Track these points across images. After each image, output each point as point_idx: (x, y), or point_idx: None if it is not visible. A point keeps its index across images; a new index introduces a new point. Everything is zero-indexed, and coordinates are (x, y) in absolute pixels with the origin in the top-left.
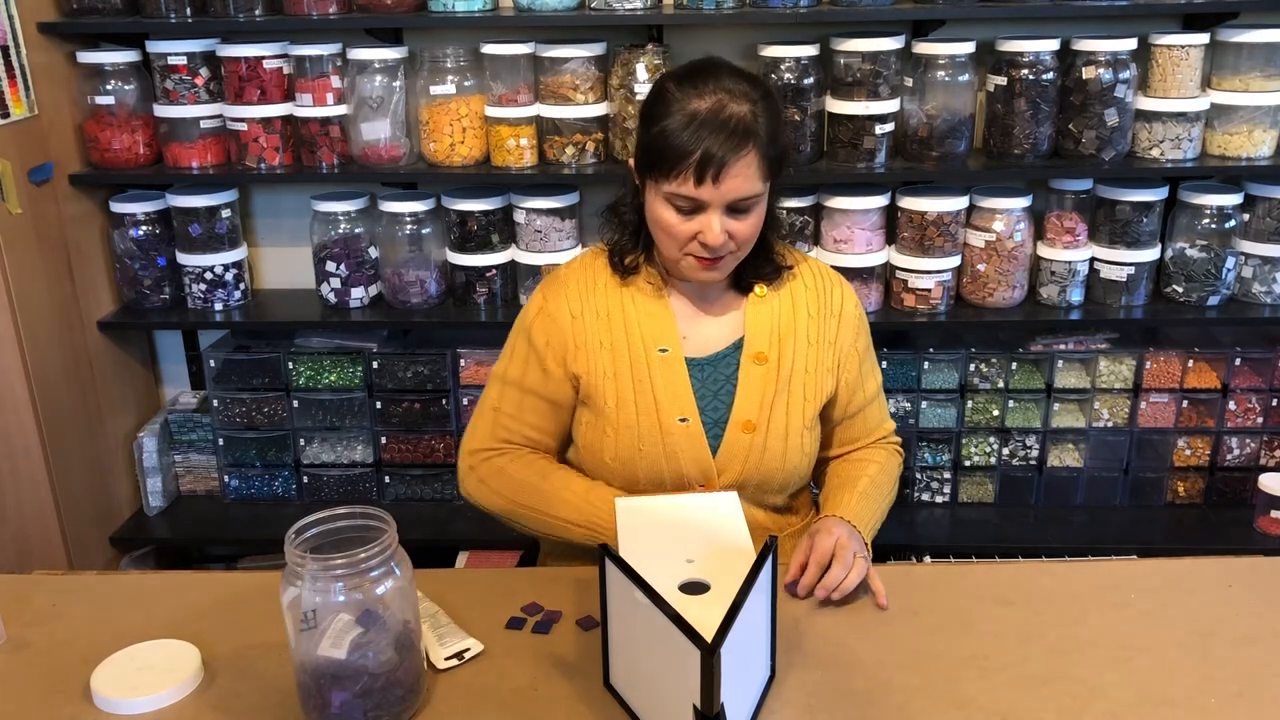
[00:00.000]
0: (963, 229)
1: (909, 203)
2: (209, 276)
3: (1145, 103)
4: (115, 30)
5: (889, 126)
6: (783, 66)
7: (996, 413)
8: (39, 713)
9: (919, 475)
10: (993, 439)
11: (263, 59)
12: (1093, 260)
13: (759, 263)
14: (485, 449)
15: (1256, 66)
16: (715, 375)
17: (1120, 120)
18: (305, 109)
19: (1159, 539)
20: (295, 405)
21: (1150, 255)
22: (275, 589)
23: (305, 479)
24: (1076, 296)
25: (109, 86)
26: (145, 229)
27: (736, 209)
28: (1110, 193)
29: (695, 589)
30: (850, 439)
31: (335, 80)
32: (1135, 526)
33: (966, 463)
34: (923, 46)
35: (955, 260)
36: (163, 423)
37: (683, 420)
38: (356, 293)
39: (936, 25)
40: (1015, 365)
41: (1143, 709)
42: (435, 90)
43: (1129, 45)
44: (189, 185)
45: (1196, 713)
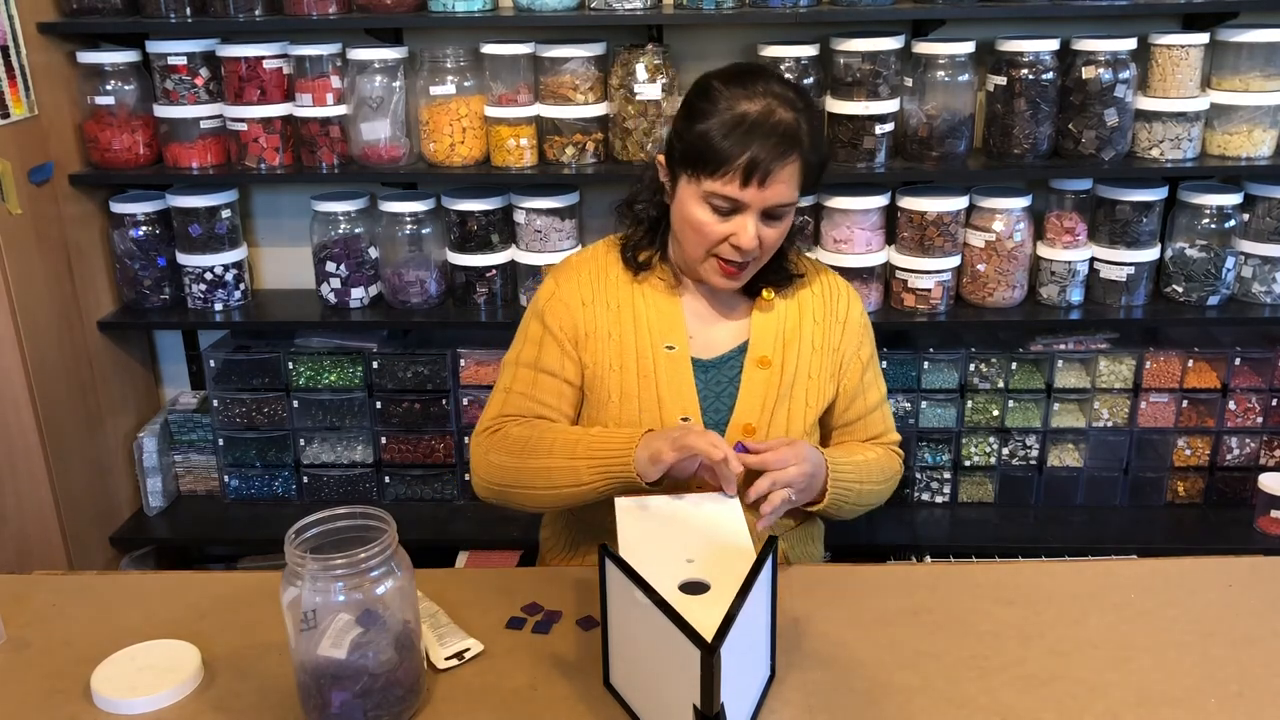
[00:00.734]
0: (963, 229)
1: (909, 203)
2: (209, 277)
3: (1145, 103)
4: (115, 30)
5: (889, 126)
6: (782, 66)
7: (996, 413)
8: (39, 713)
9: (919, 475)
10: (993, 439)
11: (263, 59)
12: (1092, 260)
13: (772, 269)
14: (491, 428)
15: (1256, 66)
16: (719, 377)
17: (1120, 120)
18: (305, 109)
19: (1159, 539)
20: (295, 405)
21: (1150, 255)
22: (275, 589)
23: (305, 479)
24: (1076, 296)
25: (109, 86)
26: (145, 229)
27: (771, 215)
28: (1110, 193)
29: (695, 589)
30: None
31: (335, 80)
32: (1135, 526)
33: (966, 463)
34: (922, 46)
35: (955, 260)
36: (163, 423)
37: (684, 420)
38: (356, 293)
39: (936, 25)
40: (1015, 365)
41: (1143, 709)
42: (435, 90)
43: (1129, 45)
44: (189, 185)
45: (1196, 713)
